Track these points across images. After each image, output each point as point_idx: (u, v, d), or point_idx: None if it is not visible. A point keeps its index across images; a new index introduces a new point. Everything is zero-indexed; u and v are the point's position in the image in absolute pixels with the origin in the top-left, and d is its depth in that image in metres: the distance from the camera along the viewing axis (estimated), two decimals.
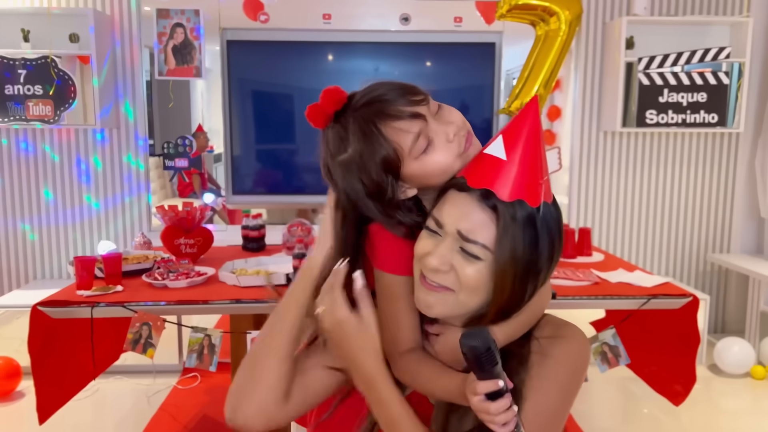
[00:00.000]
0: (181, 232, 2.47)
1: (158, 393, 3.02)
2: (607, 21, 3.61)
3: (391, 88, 0.93)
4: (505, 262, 0.83)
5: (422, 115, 0.91)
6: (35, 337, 1.92)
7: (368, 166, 0.91)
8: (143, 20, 3.51)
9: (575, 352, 0.93)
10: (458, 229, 0.84)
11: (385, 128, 0.90)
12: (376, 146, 0.90)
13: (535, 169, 0.84)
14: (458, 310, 0.88)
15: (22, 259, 3.62)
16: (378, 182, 0.92)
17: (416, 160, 0.92)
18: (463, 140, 0.93)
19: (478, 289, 0.85)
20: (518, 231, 0.83)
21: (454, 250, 0.85)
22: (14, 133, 3.51)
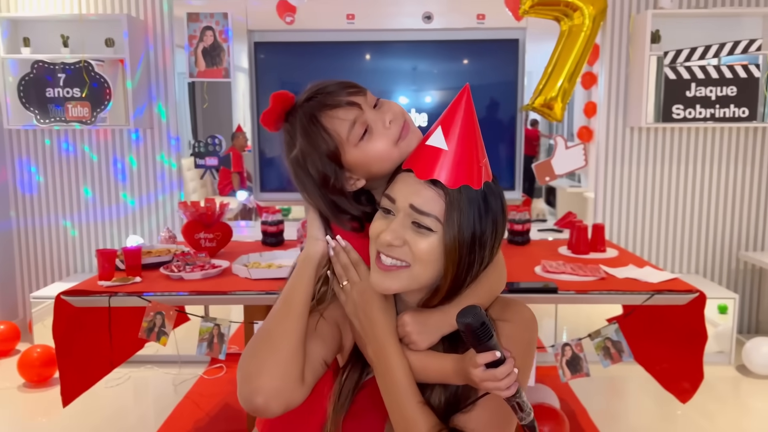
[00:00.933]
0: (201, 226, 2.58)
1: (185, 382, 3.15)
2: (633, 14, 3.55)
3: (330, 84, 1.01)
4: (454, 233, 0.91)
5: (357, 104, 0.99)
6: (59, 324, 2.05)
7: (313, 158, 0.99)
8: (175, 24, 3.64)
9: (524, 328, 1.00)
10: (411, 203, 0.92)
11: (324, 118, 0.98)
12: (317, 137, 0.98)
13: (474, 154, 0.92)
14: (413, 283, 0.95)
15: (63, 254, 3.81)
16: (323, 173, 0.99)
17: (356, 148, 0.98)
18: (399, 128, 0.99)
19: (431, 262, 0.92)
20: (465, 206, 0.91)
21: (406, 226, 0.92)
22: (56, 134, 3.70)
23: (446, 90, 3.81)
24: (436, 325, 0.99)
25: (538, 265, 2.29)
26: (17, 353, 3.44)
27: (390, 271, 0.94)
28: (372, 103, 1.01)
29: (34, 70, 3.45)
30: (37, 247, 3.80)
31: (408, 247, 0.92)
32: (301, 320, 0.99)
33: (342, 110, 0.98)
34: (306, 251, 1.05)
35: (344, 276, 1.01)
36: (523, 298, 2.01)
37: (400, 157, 0.99)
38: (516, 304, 1.04)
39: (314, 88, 1.02)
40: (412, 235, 0.92)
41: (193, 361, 3.34)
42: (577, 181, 4.05)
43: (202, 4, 3.62)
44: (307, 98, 1.01)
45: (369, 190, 1.05)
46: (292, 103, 1.02)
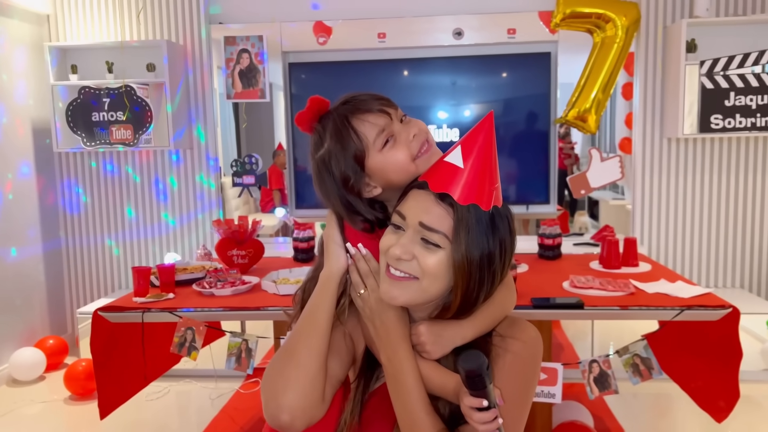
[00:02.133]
0: (234, 243, 2.64)
1: (221, 396, 3.21)
2: (667, 24, 3.49)
3: (363, 94, 1.09)
4: (462, 249, 0.94)
5: (388, 113, 1.06)
6: (97, 339, 2.13)
7: (338, 158, 1.05)
8: (213, 47, 3.77)
9: (530, 348, 1.03)
10: (420, 220, 0.96)
11: (356, 121, 1.05)
12: (347, 138, 1.05)
13: (487, 177, 0.96)
14: (421, 296, 0.97)
15: (108, 271, 3.96)
16: (345, 173, 1.05)
17: (379, 153, 1.05)
18: (420, 144, 1.06)
19: (439, 276, 0.95)
20: (473, 223, 0.94)
21: (415, 242, 0.96)
22: (101, 156, 3.86)
23: (481, 104, 3.81)
24: (450, 337, 1.02)
25: (567, 280, 2.26)
26: (65, 366, 3.57)
27: (399, 281, 0.97)
28: (399, 118, 1.08)
29: (80, 95, 3.62)
30: (84, 264, 3.96)
31: (416, 262, 0.95)
32: (325, 338, 1.02)
33: (373, 115, 1.05)
34: (328, 269, 1.08)
35: (361, 284, 1.06)
36: (548, 313, 1.99)
37: (417, 171, 1.05)
38: (522, 322, 1.07)
39: (348, 96, 1.10)
40: (421, 251, 0.95)
41: (230, 376, 3.40)
42: (621, 194, 3.98)
43: (238, 27, 3.74)
44: (342, 103, 1.09)
45: (383, 201, 1.10)
46: (327, 107, 1.10)
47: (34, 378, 3.46)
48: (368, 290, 1.04)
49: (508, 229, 0.99)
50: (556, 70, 3.67)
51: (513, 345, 1.01)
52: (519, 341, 1.02)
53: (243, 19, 3.76)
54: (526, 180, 3.83)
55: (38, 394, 3.29)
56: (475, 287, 0.97)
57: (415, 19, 3.68)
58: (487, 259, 0.96)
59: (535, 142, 3.77)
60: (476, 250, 0.94)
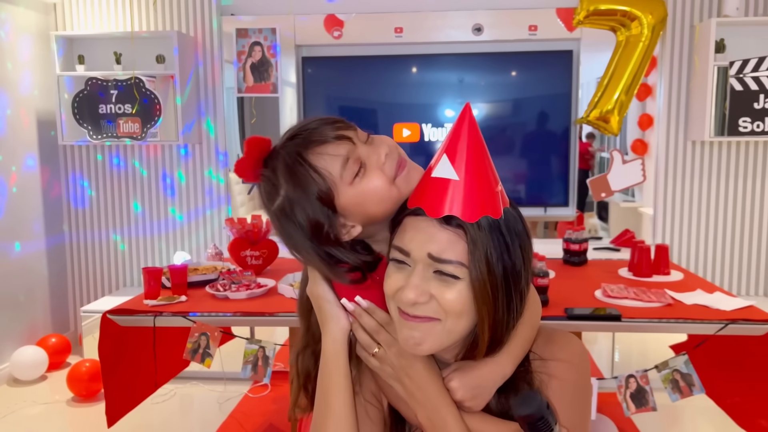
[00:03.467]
0: (248, 244, 2.54)
1: (230, 400, 3.11)
2: (695, 23, 3.38)
3: (312, 121, 0.91)
4: (483, 274, 0.80)
5: (348, 137, 0.89)
6: (105, 343, 2.03)
7: (302, 204, 0.87)
8: (224, 40, 3.66)
9: (577, 366, 0.90)
10: (428, 252, 0.81)
11: (312, 156, 0.87)
12: (306, 179, 0.87)
13: (487, 180, 0.82)
14: (448, 339, 0.84)
15: (114, 268, 3.85)
16: (314, 219, 0.88)
17: (351, 187, 0.88)
18: (395, 163, 0.90)
19: (463, 312, 0.82)
20: (488, 240, 0.80)
21: (428, 277, 0.82)
22: (107, 150, 3.75)
23: (499, 102, 3.71)
24: (489, 382, 0.89)
25: (598, 288, 2.16)
26: (68, 366, 3.47)
27: (421, 323, 0.83)
28: (363, 138, 0.91)
29: (87, 87, 3.51)
30: (88, 260, 3.86)
31: (435, 302, 0.81)
32: (350, 421, 0.91)
33: (332, 146, 0.88)
34: (330, 336, 0.93)
35: (373, 342, 0.90)
36: (583, 325, 1.89)
37: (399, 196, 0.89)
38: (562, 337, 0.93)
39: (294, 129, 0.92)
40: (437, 287, 0.81)
41: (238, 379, 3.30)
42: (631, 196, 3.88)
43: (250, 20, 3.63)
44: (289, 138, 0.91)
45: (364, 239, 0.94)
46: (270, 147, 0.92)
47: (36, 378, 3.36)
48: (383, 347, 0.90)
49: (524, 230, 0.86)
50: (578, 69, 3.57)
51: (557, 368, 0.89)
52: (563, 362, 0.89)
53: (256, 11, 3.65)
54: (545, 181, 3.73)
55: (40, 395, 3.19)
56: (504, 313, 0.83)
57: (433, 14, 3.58)
58: (512, 275, 0.82)
59: (554, 143, 3.66)
60: (498, 268, 0.81)
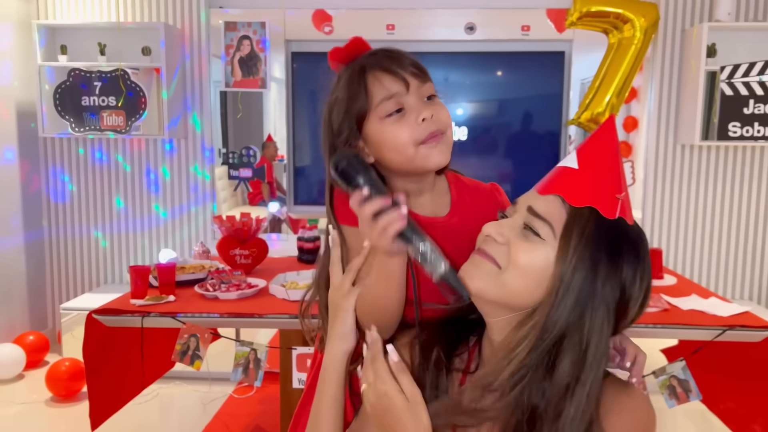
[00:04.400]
0: (237, 242, 2.48)
1: (214, 401, 3.05)
2: (687, 27, 3.39)
3: (400, 53, 0.97)
4: (570, 258, 0.74)
5: (406, 82, 0.94)
6: (90, 344, 1.96)
7: (341, 110, 0.96)
8: (212, 33, 3.58)
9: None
10: (530, 205, 0.79)
11: (370, 78, 0.94)
12: (353, 91, 0.95)
13: (608, 179, 0.79)
14: (497, 289, 0.79)
15: (94, 264, 3.76)
16: (341, 129, 0.96)
17: (379, 121, 0.95)
18: (430, 132, 0.94)
19: (527, 274, 0.76)
20: (591, 229, 0.75)
21: (515, 229, 0.79)
22: (90, 143, 3.66)
23: (489, 101, 3.68)
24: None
25: None
26: (46, 364, 3.38)
27: (481, 258, 0.80)
28: (425, 95, 0.96)
29: (70, 78, 3.41)
30: (68, 257, 3.76)
31: (507, 248, 0.78)
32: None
33: (389, 78, 0.94)
34: (332, 353, 0.92)
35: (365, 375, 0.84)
36: None
37: (414, 159, 0.94)
38: (637, 395, 0.81)
39: (385, 48, 0.98)
40: (517, 239, 0.78)
41: (223, 379, 3.23)
42: None
43: (239, 13, 3.56)
44: (371, 54, 0.98)
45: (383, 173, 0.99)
46: (362, 53, 0.99)
47: (13, 376, 3.26)
48: (366, 383, 0.83)
49: (645, 257, 0.77)
50: (570, 71, 3.56)
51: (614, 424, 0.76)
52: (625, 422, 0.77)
53: (245, 4, 3.58)
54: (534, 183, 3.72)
55: (17, 394, 3.10)
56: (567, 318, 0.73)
57: (425, 12, 3.54)
58: (602, 286, 0.73)
59: (545, 144, 3.65)
60: (588, 263, 0.73)
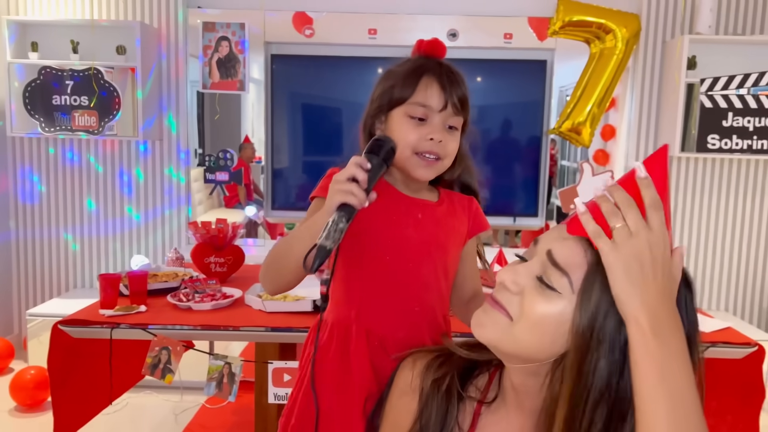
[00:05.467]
0: (212, 249, 2.41)
1: (186, 411, 2.97)
2: (668, 39, 3.40)
3: (461, 84, 1.12)
4: (591, 312, 0.66)
5: (445, 105, 1.10)
6: (55, 356, 1.87)
7: (390, 84, 1.13)
8: (190, 33, 3.50)
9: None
10: (549, 249, 0.72)
11: (425, 80, 1.11)
12: (407, 81, 1.12)
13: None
14: (508, 342, 0.73)
15: (63, 268, 3.64)
16: (381, 97, 1.15)
17: (404, 116, 1.11)
18: (429, 147, 1.11)
19: (539, 328, 0.70)
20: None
21: (532, 276, 0.72)
22: (60, 143, 3.55)
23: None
24: None
25: None
26: (11, 372, 3.26)
27: (493, 309, 0.74)
28: (449, 123, 1.12)
29: (41, 76, 3.30)
30: (36, 260, 3.63)
31: (520, 299, 0.72)
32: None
33: (436, 92, 1.09)
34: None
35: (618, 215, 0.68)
36: None
37: (406, 161, 1.11)
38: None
39: (452, 67, 1.14)
40: (533, 289, 0.71)
41: (195, 388, 3.15)
42: None
43: (218, 13, 3.49)
44: (442, 64, 1.14)
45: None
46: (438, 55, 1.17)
47: None
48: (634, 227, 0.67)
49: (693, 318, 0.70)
50: (551, 79, 3.55)
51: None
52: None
53: (224, 5, 3.50)
54: (514, 190, 3.70)
55: None
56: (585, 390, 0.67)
57: (407, 17, 3.50)
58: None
59: (525, 152, 3.64)
60: (617, 318, 0.66)
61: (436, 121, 1.10)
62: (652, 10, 3.39)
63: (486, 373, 0.85)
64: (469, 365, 0.85)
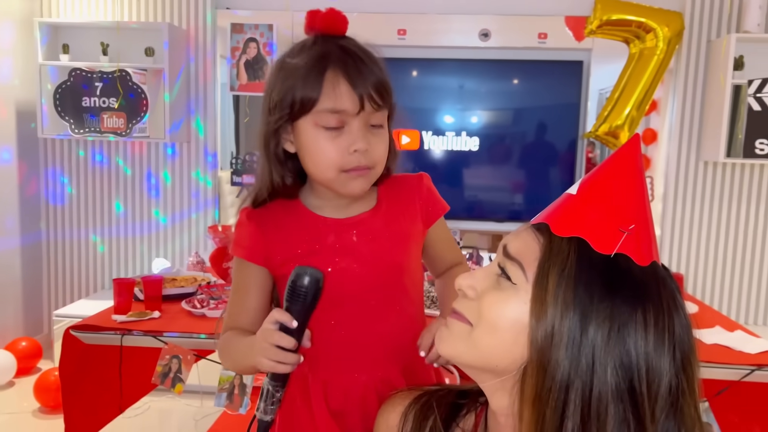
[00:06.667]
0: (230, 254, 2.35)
1: (207, 417, 2.92)
2: (713, 38, 3.23)
3: (373, 69, 0.89)
4: (549, 306, 0.60)
5: (361, 104, 0.88)
6: (67, 362, 1.84)
7: (289, 82, 0.89)
8: (218, 34, 3.48)
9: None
10: (506, 243, 0.68)
11: (329, 75, 0.88)
12: (308, 78, 0.88)
13: (615, 210, 0.63)
14: (469, 350, 0.67)
15: (91, 270, 3.66)
16: (281, 102, 0.90)
17: (314, 127, 0.90)
18: (356, 163, 0.91)
19: (497, 327, 0.64)
20: (571, 265, 0.60)
21: (490, 277, 0.67)
22: (90, 145, 3.56)
23: (502, 111, 3.54)
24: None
25: None
26: (38, 371, 3.28)
27: (454, 320, 0.69)
28: (372, 122, 0.91)
29: (71, 77, 3.32)
30: (65, 261, 3.66)
31: (478, 304, 0.66)
32: None
33: (346, 91, 0.87)
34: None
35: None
36: None
37: (333, 182, 0.92)
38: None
39: (359, 50, 0.90)
40: (491, 287, 0.66)
41: None
42: None
43: (247, 15, 3.46)
44: (344, 48, 0.90)
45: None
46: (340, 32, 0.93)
47: (3, 384, 3.16)
48: None
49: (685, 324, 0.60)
50: (588, 81, 3.41)
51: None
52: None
53: (252, 6, 3.47)
54: (548, 196, 3.55)
55: (5, 404, 2.99)
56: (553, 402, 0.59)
57: (438, 17, 3.40)
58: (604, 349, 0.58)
59: (560, 156, 3.50)
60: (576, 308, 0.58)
61: (355, 126, 0.90)
62: (696, 8, 3.22)
63: (473, 412, 0.76)
64: (455, 404, 0.77)
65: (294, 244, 0.98)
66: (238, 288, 1.03)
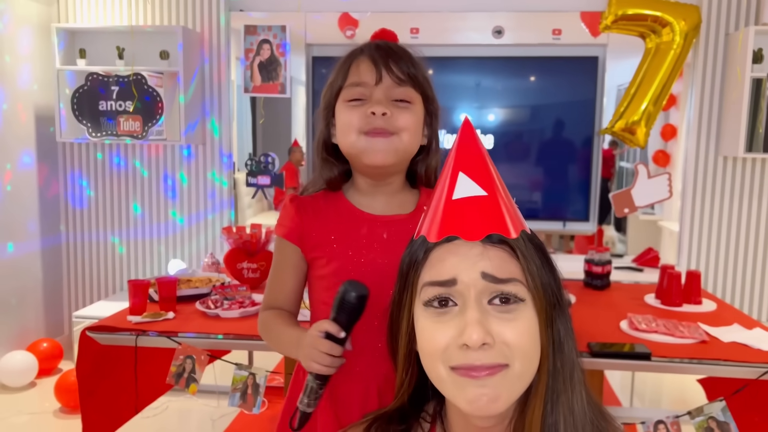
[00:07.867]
0: (245, 255, 2.37)
1: (224, 417, 2.95)
2: (731, 32, 3.17)
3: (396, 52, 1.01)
4: (541, 293, 0.67)
5: (380, 75, 0.99)
6: (84, 363, 1.87)
7: (330, 80, 1.06)
8: (232, 36, 3.50)
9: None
10: (482, 270, 0.65)
11: (355, 62, 1.02)
12: (339, 69, 1.04)
13: (508, 195, 0.72)
14: (520, 386, 0.66)
15: (111, 271, 3.70)
16: (324, 101, 1.06)
17: (343, 104, 1.02)
18: (372, 126, 0.99)
19: (532, 347, 0.65)
20: (533, 256, 0.68)
21: (486, 310, 0.65)
22: (107, 148, 3.61)
23: (518, 108, 3.52)
24: None
25: (623, 318, 1.96)
26: (59, 372, 3.33)
27: (491, 377, 0.63)
28: (395, 97, 1.00)
29: (88, 82, 3.36)
30: (85, 262, 3.71)
31: (502, 342, 0.64)
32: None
33: (367, 66, 1.00)
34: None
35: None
36: (608, 363, 1.70)
37: (355, 145, 1.01)
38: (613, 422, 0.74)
39: (384, 42, 1.04)
40: (498, 322, 0.64)
41: None
42: (651, 209, 3.67)
43: (260, 16, 3.47)
44: (373, 43, 1.05)
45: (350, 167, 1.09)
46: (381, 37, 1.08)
47: (25, 384, 3.21)
48: None
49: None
50: (604, 77, 3.37)
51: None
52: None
53: (265, 8, 3.48)
54: (564, 194, 3.53)
55: (27, 404, 3.04)
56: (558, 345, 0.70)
57: (452, 15, 3.39)
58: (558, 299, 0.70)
59: (577, 153, 3.46)
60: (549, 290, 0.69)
61: (376, 95, 1.00)
62: (714, 1, 3.17)
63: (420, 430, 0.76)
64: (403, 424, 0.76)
65: (328, 230, 1.07)
66: (276, 266, 1.14)
